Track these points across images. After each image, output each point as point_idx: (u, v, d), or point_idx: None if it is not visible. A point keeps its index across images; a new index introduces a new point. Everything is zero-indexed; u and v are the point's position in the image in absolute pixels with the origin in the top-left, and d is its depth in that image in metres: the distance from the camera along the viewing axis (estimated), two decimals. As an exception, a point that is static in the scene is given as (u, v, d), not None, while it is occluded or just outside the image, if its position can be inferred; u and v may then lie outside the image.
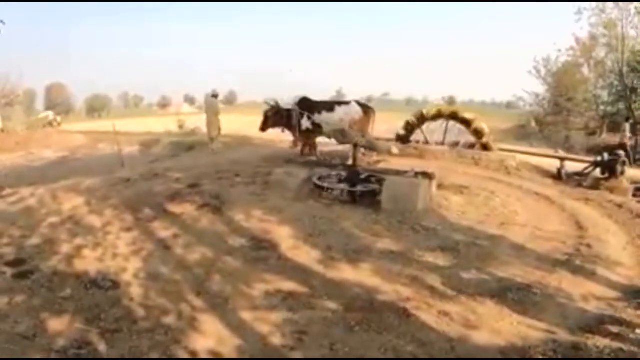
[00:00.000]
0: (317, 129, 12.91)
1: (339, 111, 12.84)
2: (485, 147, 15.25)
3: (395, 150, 13.91)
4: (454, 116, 15.52)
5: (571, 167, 13.80)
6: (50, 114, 46.03)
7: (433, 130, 16.37)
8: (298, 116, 12.83)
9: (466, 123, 15.41)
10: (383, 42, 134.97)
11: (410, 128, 16.16)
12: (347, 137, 11.26)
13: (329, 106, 13.10)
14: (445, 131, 15.78)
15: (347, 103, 13.39)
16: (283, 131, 13.55)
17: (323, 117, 12.75)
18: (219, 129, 15.85)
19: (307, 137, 13.13)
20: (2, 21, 8.08)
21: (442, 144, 15.65)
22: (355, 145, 9.64)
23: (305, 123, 12.74)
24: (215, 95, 16.49)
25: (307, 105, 12.93)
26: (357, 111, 12.95)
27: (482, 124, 15.40)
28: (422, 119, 16.04)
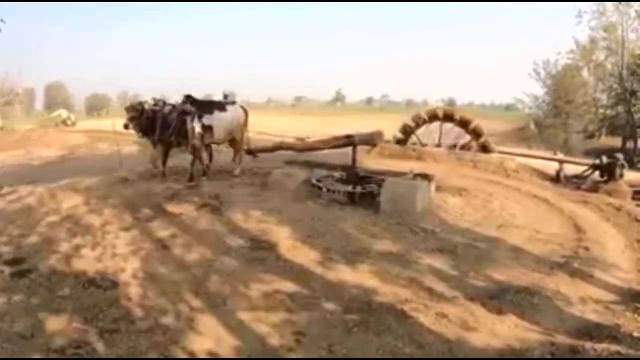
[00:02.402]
0: (207, 133, 10.62)
1: (231, 110, 11.17)
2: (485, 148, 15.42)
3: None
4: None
5: (570, 169, 13.84)
6: (64, 113, 45.49)
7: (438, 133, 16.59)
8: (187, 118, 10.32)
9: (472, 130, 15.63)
10: (383, 44, 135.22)
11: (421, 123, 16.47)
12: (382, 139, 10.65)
13: (220, 105, 11.19)
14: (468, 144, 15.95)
15: (232, 103, 11.69)
16: (142, 137, 10.80)
17: (216, 118, 10.73)
18: None
19: (201, 144, 10.61)
20: (2, 20, 8.08)
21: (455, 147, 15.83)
22: (355, 146, 9.64)
23: (197, 126, 10.36)
24: (225, 96, 17.24)
25: (195, 105, 10.64)
26: (241, 112, 11.53)
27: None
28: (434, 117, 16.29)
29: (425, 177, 9.19)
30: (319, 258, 6.47)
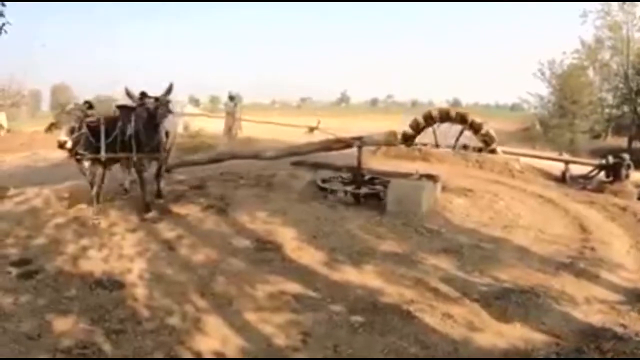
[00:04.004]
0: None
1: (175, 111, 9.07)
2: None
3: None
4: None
5: (576, 170, 13.81)
6: None
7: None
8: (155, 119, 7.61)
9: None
10: (387, 44, 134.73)
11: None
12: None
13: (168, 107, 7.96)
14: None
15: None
16: (80, 160, 7.87)
17: (169, 123, 8.34)
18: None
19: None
20: (8, 22, 8.09)
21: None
22: (360, 147, 9.62)
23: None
24: (232, 97, 17.83)
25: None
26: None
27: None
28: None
29: (431, 177, 9.19)
30: (324, 259, 6.48)
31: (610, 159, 12.96)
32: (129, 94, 7.65)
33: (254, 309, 5.25)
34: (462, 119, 15.71)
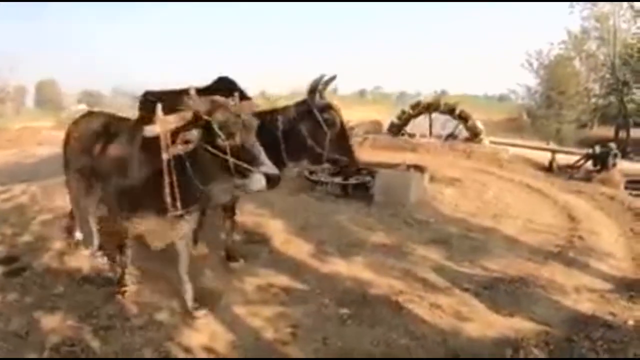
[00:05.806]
0: None
1: None
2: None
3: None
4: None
5: (563, 159, 13.90)
6: (84, 109, 44.19)
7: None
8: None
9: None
10: (374, 37, 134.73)
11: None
12: None
13: None
14: None
15: None
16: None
17: None
18: None
19: None
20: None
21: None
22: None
23: None
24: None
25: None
26: None
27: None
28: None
29: (418, 168, 9.20)
30: (313, 251, 6.48)
31: (598, 149, 13.07)
32: (312, 92, 4.87)
33: (243, 302, 5.21)
34: (434, 107, 16.01)
